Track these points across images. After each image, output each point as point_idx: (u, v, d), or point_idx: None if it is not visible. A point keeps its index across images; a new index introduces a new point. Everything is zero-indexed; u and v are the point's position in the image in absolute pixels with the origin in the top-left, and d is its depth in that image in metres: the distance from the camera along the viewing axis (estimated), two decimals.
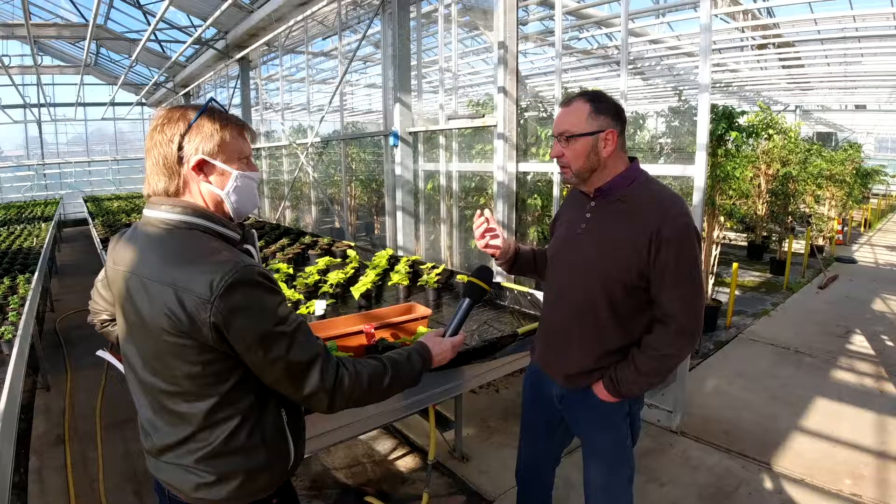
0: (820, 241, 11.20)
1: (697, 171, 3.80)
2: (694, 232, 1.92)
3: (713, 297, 6.78)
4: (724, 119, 5.95)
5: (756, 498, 3.39)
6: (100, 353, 2.03)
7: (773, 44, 10.58)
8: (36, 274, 5.40)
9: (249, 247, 1.56)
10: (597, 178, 2.02)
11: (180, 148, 1.41)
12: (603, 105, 1.95)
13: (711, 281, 6.75)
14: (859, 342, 6.06)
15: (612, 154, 1.98)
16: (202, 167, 1.44)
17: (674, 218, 1.90)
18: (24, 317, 3.89)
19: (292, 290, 3.79)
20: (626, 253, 1.93)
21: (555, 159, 2.07)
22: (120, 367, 1.67)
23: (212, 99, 1.52)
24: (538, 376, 2.37)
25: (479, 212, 2.25)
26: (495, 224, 2.27)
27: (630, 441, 2.21)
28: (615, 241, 1.97)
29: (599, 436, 2.20)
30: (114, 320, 1.74)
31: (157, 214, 1.43)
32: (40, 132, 19.13)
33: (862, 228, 15.73)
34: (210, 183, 1.46)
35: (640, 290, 1.97)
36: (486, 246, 2.28)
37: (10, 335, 3.42)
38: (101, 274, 1.74)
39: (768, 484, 3.53)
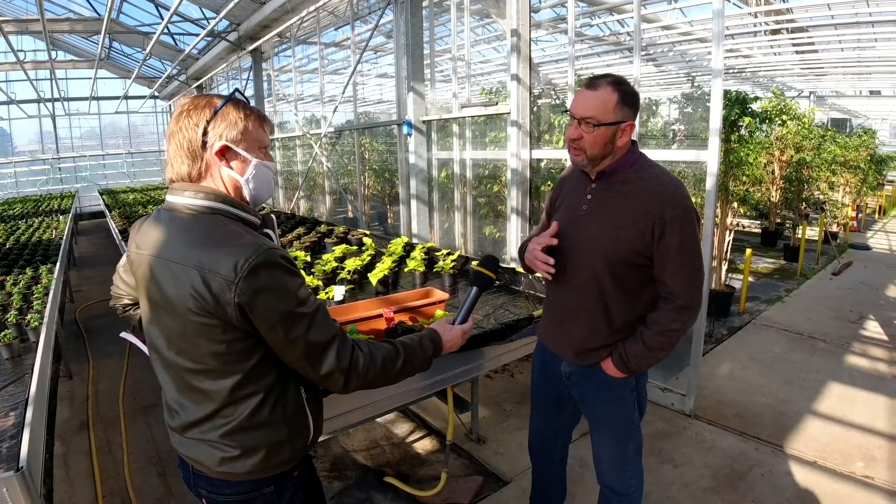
0: (834, 228, 11.11)
1: (710, 157, 3.82)
2: (694, 213, 1.99)
3: (727, 283, 6.77)
4: (737, 105, 5.93)
5: (769, 479, 3.42)
6: (123, 335, 2.07)
7: (787, 29, 10.48)
8: (57, 265, 5.48)
9: (269, 231, 1.61)
10: (605, 163, 2.08)
11: (205, 133, 1.45)
12: (629, 96, 1.99)
13: (725, 267, 6.74)
14: (873, 328, 6.05)
15: (625, 146, 2.05)
16: (224, 153, 1.48)
17: (676, 201, 1.97)
18: (48, 306, 3.96)
19: (311, 276, 3.85)
20: (630, 234, 1.99)
21: (569, 140, 2.08)
22: (144, 348, 1.72)
23: (237, 90, 1.57)
24: (546, 354, 2.44)
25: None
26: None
27: (637, 414, 2.29)
28: (618, 222, 2.03)
29: (608, 411, 2.28)
30: (135, 305, 1.79)
31: (182, 200, 1.47)
32: (55, 126, 19.28)
33: (876, 215, 15.59)
34: (231, 169, 1.50)
35: (643, 267, 2.04)
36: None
37: (36, 323, 3.49)
38: (123, 260, 1.78)
39: (781, 466, 3.56)
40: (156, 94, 19.13)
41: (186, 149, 1.46)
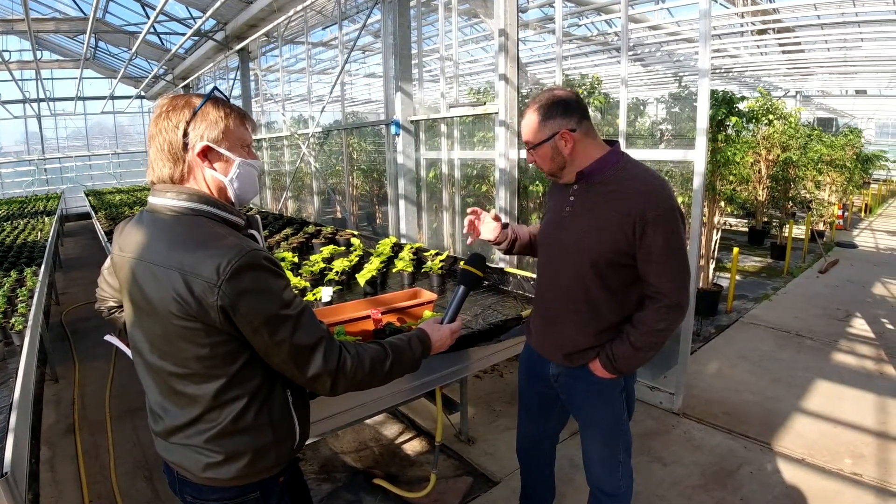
0: (820, 227, 11.17)
1: (698, 156, 3.83)
2: (677, 211, 1.99)
3: (714, 281, 6.80)
4: (723, 104, 5.96)
5: (757, 476, 3.44)
6: (108, 337, 2.04)
7: (773, 29, 10.55)
8: (42, 267, 5.44)
9: (254, 232, 1.58)
10: (570, 171, 2.11)
11: (185, 134, 1.43)
12: (550, 110, 2.03)
13: (712, 266, 6.77)
14: (860, 325, 6.09)
15: (575, 149, 2.05)
16: (206, 154, 1.46)
17: (657, 200, 1.96)
18: (33, 308, 3.93)
19: (298, 277, 3.83)
20: (613, 234, 2.00)
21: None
22: (128, 351, 1.69)
23: (215, 87, 1.54)
24: (533, 356, 2.44)
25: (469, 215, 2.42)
26: (486, 216, 2.44)
27: (626, 415, 2.30)
28: (602, 222, 2.03)
29: (597, 412, 2.28)
30: (121, 307, 1.76)
31: (163, 201, 1.45)
32: (40, 127, 19.09)
33: (862, 213, 15.71)
34: (214, 169, 1.47)
35: (628, 267, 2.04)
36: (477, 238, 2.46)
37: (20, 326, 3.46)
38: (108, 262, 1.75)
39: (769, 463, 3.57)
40: (142, 93, 18.99)
41: (167, 151, 1.43)
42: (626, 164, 2.08)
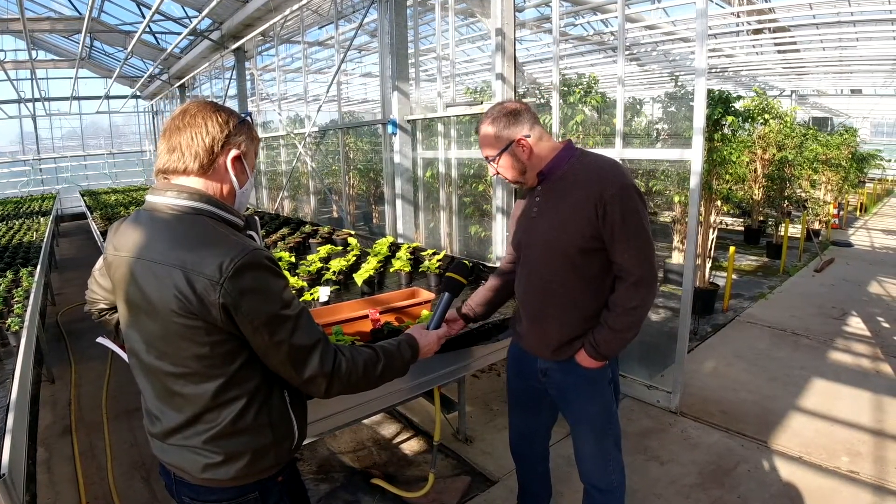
0: (816, 226, 11.21)
1: (694, 156, 3.83)
2: (633, 189, 2.05)
3: (710, 280, 6.82)
4: (720, 104, 5.97)
5: (755, 475, 3.44)
6: (100, 339, 2.03)
7: (769, 28, 10.58)
8: (38, 267, 5.43)
9: (252, 233, 1.59)
10: (531, 174, 2.20)
11: (230, 135, 1.48)
12: (503, 120, 2.13)
13: (709, 265, 6.79)
14: (856, 324, 6.11)
15: (532, 152, 2.14)
16: (234, 162, 1.50)
17: (613, 179, 2.04)
18: (29, 309, 3.92)
19: (295, 277, 3.83)
20: (578, 222, 2.06)
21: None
22: (120, 353, 1.68)
23: (249, 113, 1.61)
24: (520, 353, 2.47)
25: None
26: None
27: (615, 405, 2.34)
28: (565, 213, 2.10)
29: (588, 404, 2.31)
30: (111, 309, 1.77)
31: (164, 200, 1.44)
32: (35, 127, 19.06)
33: (858, 212, 15.75)
34: (234, 177, 1.52)
35: (599, 251, 2.10)
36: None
37: (17, 326, 3.45)
38: (99, 263, 1.74)
39: (766, 462, 3.58)
40: (137, 93, 18.96)
41: (207, 143, 1.45)
42: (581, 156, 2.16)
